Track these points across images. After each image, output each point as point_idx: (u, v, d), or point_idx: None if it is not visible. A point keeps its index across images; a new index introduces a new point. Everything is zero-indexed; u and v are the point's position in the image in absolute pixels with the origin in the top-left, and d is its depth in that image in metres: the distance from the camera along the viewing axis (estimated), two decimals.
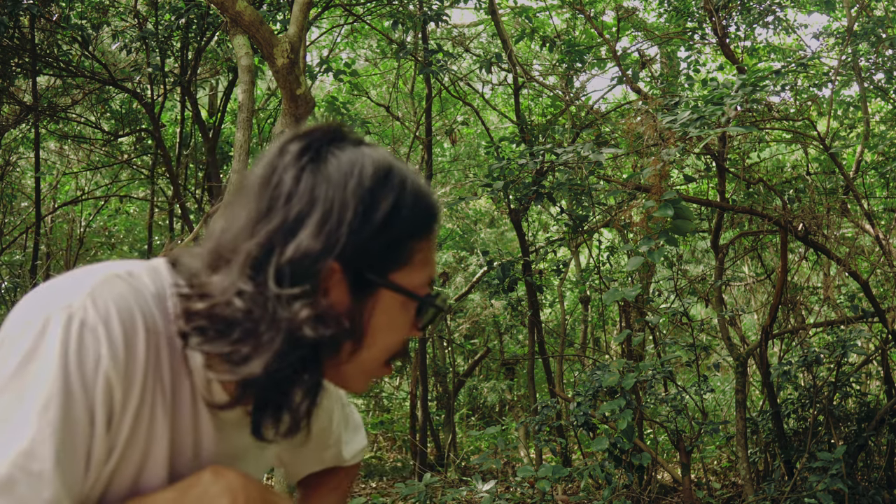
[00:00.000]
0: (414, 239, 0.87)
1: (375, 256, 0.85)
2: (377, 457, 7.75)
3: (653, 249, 3.14)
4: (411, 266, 0.88)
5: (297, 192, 0.83)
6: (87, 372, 0.79)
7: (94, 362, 0.80)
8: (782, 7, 5.48)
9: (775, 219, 4.21)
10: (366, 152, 0.87)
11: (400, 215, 0.85)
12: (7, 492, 0.75)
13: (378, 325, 0.88)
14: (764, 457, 4.92)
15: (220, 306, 0.82)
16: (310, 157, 0.85)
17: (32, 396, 0.77)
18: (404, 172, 0.88)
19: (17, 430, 0.76)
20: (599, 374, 4.11)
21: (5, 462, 0.76)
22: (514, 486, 4.85)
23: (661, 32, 6.28)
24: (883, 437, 4.48)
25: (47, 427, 0.77)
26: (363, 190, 0.84)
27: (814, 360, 4.25)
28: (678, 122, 3.33)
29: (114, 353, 0.80)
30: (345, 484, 1.33)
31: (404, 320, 0.90)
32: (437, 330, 7.74)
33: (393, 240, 0.85)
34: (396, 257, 0.86)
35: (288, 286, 0.81)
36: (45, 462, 0.77)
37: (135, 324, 0.83)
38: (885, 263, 4.62)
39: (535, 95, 7.32)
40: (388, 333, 0.89)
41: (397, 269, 0.87)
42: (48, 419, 0.77)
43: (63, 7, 6.00)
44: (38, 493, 0.77)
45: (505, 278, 5.40)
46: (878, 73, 5.85)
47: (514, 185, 4.65)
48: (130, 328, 0.82)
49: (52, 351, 0.78)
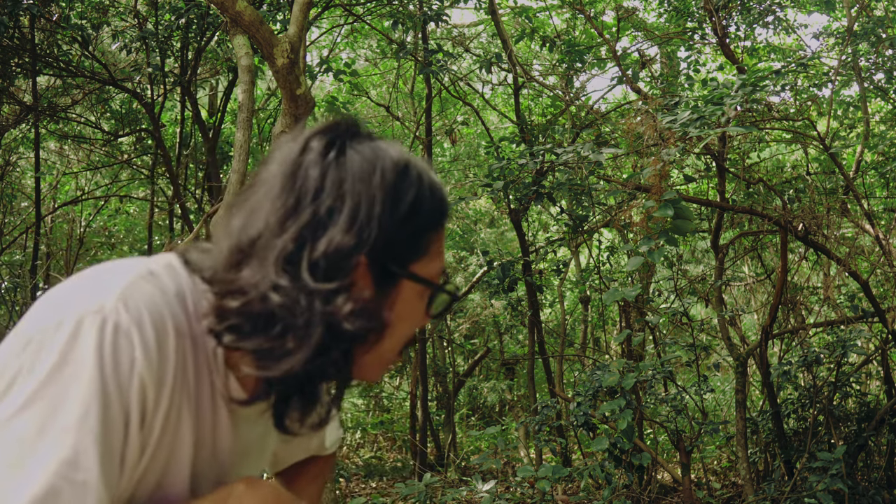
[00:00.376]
0: (431, 230, 0.90)
1: (399, 249, 0.87)
2: (377, 457, 7.76)
3: (653, 249, 3.14)
4: (429, 256, 0.90)
5: (324, 187, 0.84)
6: (122, 376, 0.80)
7: (129, 366, 0.80)
8: (782, 7, 5.47)
9: (775, 219, 4.21)
10: (382, 147, 0.89)
11: (422, 207, 0.88)
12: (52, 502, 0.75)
13: (398, 316, 0.90)
14: (764, 457, 4.92)
15: (255, 302, 0.82)
16: (334, 153, 0.86)
17: (70, 402, 0.77)
18: (420, 165, 0.91)
19: (57, 439, 0.76)
20: (599, 374, 4.11)
21: (48, 472, 0.75)
22: (514, 486, 4.85)
23: (661, 32, 6.28)
24: (883, 437, 4.48)
25: (88, 435, 0.77)
26: (388, 184, 0.86)
27: (814, 360, 4.25)
28: (678, 122, 3.33)
29: (147, 356, 0.81)
30: (325, 472, 1.35)
31: (420, 309, 0.92)
32: (437, 330, 7.74)
33: (415, 232, 0.88)
34: (417, 249, 0.88)
35: (322, 280, 0.82)
36: (90, 471, 0.77)
37: (165, 326, 0.83)
38: (885, 263, 4.62)
39: (535, 95, 7.32)
40: (407, 322, 0.91)
41: (417, 260, 0.89)
42: (89, 426, 0.77)
43: (63, 7, 6.00)
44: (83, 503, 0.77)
45: (505, 278, 5.40)
46: (878, 73, 5.85)
47: (514, 185, 4.65)
48: (162, 330, 0.83)
49: (88, 356, 0.78)
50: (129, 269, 0.86)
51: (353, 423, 8.56)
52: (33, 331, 0.80)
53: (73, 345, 0.78)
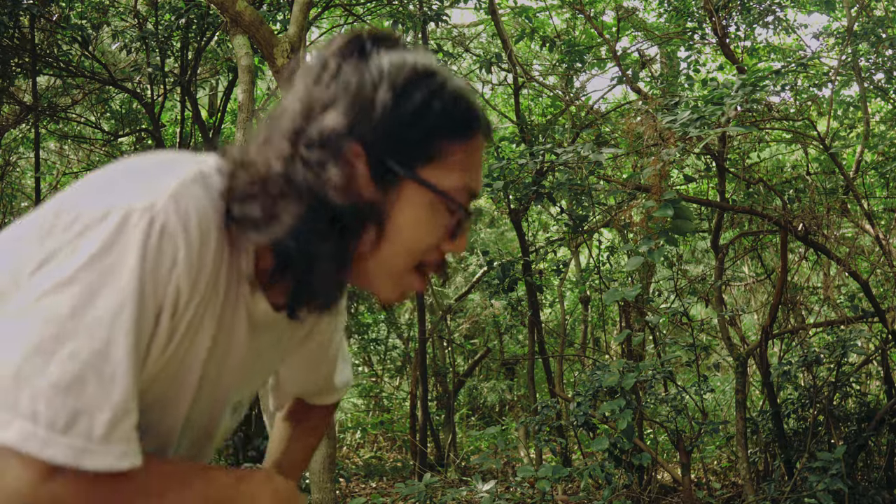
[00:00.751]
0: (448, 138, 0.88)
1: (402, 147, 0.86)
2: (377, 457, 7.75)
3: (653, 249, 3.14)
4: (443, 166, 0.88)
5: (338, 76, 0.87)
6: (161, 277, 0.81)
7: (169, 268, 0.81)
8: (782, 7, 5.47)
9: (775, 219, 4.21)
10: (414, 55, 0.90)
11: (432, 108, 0.87)
12: (77, 391, 0.76)
13: (402, 220, 0.88)
14: (764, 457, 4.92)
15: (260, 171, 0.86)
16: (356, 52, 0.89)
17: (107, 294, 0.78)
18: (448, 76, 0.90)
19: (90, 328, 0.77)
20: (599, 374, 4.11)
21: (77, 360, 0.76)
22: (514, 486, 4.85)
23: (661, 32, 6.28)
24: (883, 437, 4.48)
25: (121, 329, 0.78)
26: (400, 80, 0.86)
27: (814, 360, 4.25)
28: (678, 122, 3.33)
29: (188, 261, 0.83)
30: (322, 425, 1.35)
31: (433, 222, 0.89)
32: (437, 330, 7.74)
33: (424, 133, 0.86)
34: (425, 152, 0.87)
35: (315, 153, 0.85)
36: (118, 365, 0.78)
37: (209, 232, 0.85)
38: (885, 263, 4.62)
39: (535, 95, 7.31)
40: (414, 231, 0.89)
41: (425, 165, 0.87)
42: (122, 321, 0.78)
43: (63, 7, 6.00)
44: (108, 396, 0.78)
45: (505, 278, 5.40)
46: (878, 73, 5.85)
47: (514, 185, 4.64)
48: (205, 237, 0.84)
49: (131, 252, 0.79)
50: (182, 168, 0.86)
51: (353, 423, 8.56)
52: (80, 213, 0.81)
53: (117, 238, 0.79)
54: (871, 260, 4.90)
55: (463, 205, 0.90)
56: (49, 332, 0.76)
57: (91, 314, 0.77)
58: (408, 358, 8.50)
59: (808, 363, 4.34)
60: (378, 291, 0.94)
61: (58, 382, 0.75)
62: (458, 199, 0.89)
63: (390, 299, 0.95)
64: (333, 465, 3.38)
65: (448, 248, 0.92)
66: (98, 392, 0.77)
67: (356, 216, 0.86)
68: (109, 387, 0.77)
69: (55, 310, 0.76)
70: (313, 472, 3.35)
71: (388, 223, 0.88)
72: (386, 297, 0.95)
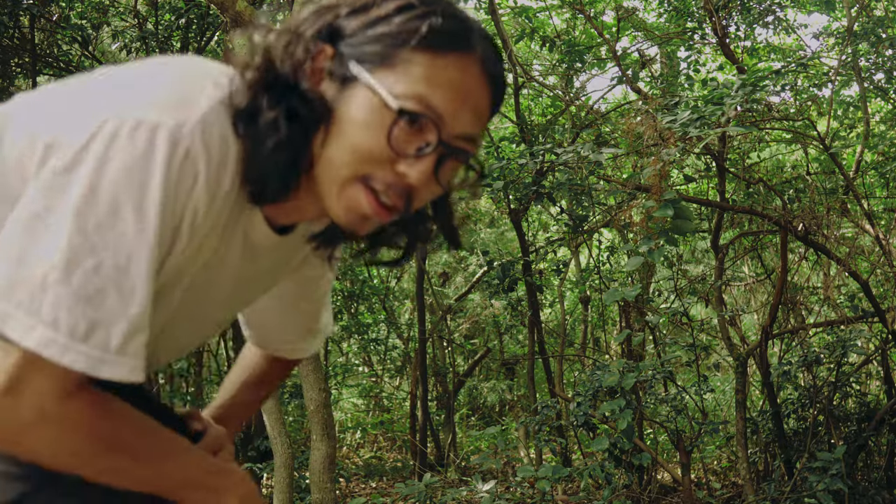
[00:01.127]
0: (410, 46, 0.87)
1: (363, 48, 0.88)
2: (377, 457, 7.76)
3: (653, 249, 3.14)
4: (401, 73, 0.87)
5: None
6: (181, 195, 0.84)
7: (189, 189, 0.84)
8: (782, 7, 5.47)
9: (775, 219, 4.21)
10: None
11: (401, 14, 0.88)
12: (98, 303, 0.79)
13: (347, 119, 0.88)
14: (764, 457, 4.92)
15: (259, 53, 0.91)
16: None
17: (132, 211, 0.80)
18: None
19: (115, 243, 0.80)
20: (599, 374, 4.11)
21: (100, 273, 0.79)
22: (514, 486, 4.85)
23: (661, 32, 6.28)
24: (883, 437, 4.48)
25: (144, 246, 0.81)
26: None
27: (814, 360, 4.25)
28: (678, 122, 3.33)
29: (207, 185, 0.85)
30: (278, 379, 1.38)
31: (376, 124, 0.87)
32: (437, 330, 7.74)
33: (385, 36, 0.87)
34: (382, 56, 0.87)
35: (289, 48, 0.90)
36: (138, 280, 0.81)
37: (228, 156, 0.87)
38: (885, 263, 4.62)
39: (535, 95, 7.31)
40: (355, 131, 0.88)
41: (381, 69, 0.87)
42: (145, 239, 0.81)
43: (63, 7, 6.00)
44: (126, 309, 0.81)
45: (505, 278, 5.40)
46: (878, 73, 5.84)
47: (514, 185, 4.64)
48: (224, 162, 0.87)
49: (157, 171, 0.81)
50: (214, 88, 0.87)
51: (353, 423, 8.56)
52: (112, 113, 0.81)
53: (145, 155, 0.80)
54: (871, 260, 4.90)
55: (409, 111, 0.86)
56: (76, 241, 0.78)
57: (117, 229, 0.80)
58: (408, 358, 8.50)
59: (808, 363, 4.34)
60: (327, 205, 0.93)
61: (79, 292, 0.78)
62: (403, 105, 0.86)
63: (340, 217, 0.93)
64: (333, 465, 3.38)
65: (402, 169, 0.89)
66: (117, 305, 0.80)
67: (312, 110, 0.88)
68: (129, 300, 0.81)
69: (82, 221, 0.78)
70: (313, 472, 3.35)
71: (335, 121, 0.88)
72: (335, 213, 0.93)
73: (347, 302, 8.22)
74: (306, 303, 1.25)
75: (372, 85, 0.86)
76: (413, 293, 8.15)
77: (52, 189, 0.79)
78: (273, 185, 0.90)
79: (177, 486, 0.93)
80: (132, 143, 0.80)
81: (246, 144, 0.88)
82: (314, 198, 0.94)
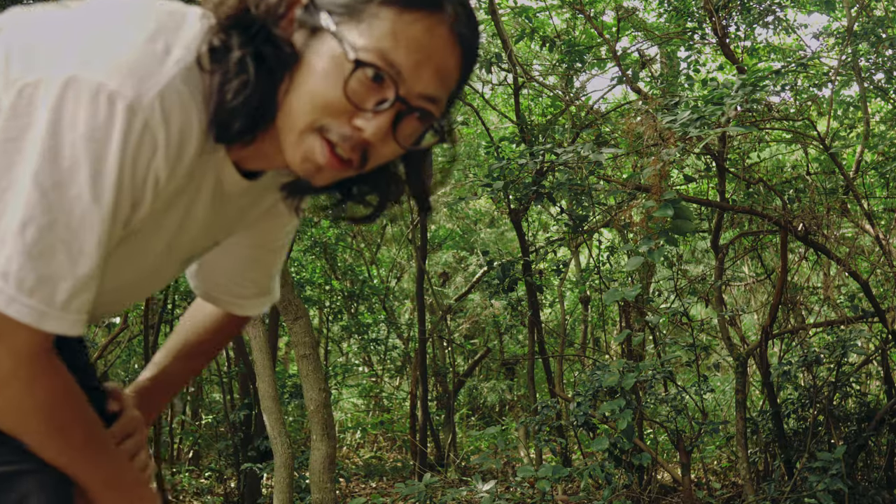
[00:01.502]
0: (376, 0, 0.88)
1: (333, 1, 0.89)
2: (377, 457, 7.76)
3: (653, 249, 3.14)
4: (366, 27, 0.87)
5: None
6: (140, 167, 0.85)
7: (148, 160, 0.86)
8: (782, 7, 5.47)
9: (775, 219, 4.21)
10: None
11: None
12: (47, 260, 0.82)
13: (309, 69, 0.89)
14: (764, 457, 4.92)
15: None
16: None
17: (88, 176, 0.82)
18: None
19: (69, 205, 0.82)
20: (599, 374, 4.11)
21: (52, 233, 0.82)
22: (514, 486, 4.85)
23: (661, 32, 6.28)
24: (883, 437, 4.48)
25: (97, 213, 0.83)
26: None
27: (814, 360, 4.25)
28: (678, 122, 3.33)
29: (167, 154, 0.87)
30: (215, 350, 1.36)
31: (334, 74, 0.88)
32: (437, 330, 7.74)
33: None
34: (348, 8, 0.88)
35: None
36: (87, 243, 0.84)
37: (191, 131, 0.88)
38: (885, 263, 4.62)
39: (535, 95, 7.31)
40: (315, 80, 0.88)
41: (348, 21, 0.88)
42: (100, 207, 0.83)
43: None
44: (73, 269, 0.84)
45: (505, 278, 5.40)
46: (878, 73, 5.84)
47: (514, 185, 4.64)
48: (186, 135, 0.88)
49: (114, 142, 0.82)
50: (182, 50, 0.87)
51: (353, 423, 8.56)
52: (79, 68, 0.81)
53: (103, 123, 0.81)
54: (871, 260, 4.90)
55: (365, 62, 0.86)
56: (34, 198, 0.80)
57: (73, 191, 0.81)
58: (408, 358, 8.49)
59: (808, 363, 4.34)
60: (286, 154, 0.93)
61: (31, 249, 0.81)
62: (361, 57, 0.86)
63: (296, 165, 0.93)
64: (333, 465, 3.39)
65: (358, 123, 0.89)
66: (66, 264, 0.83)
67: (280, 55, 0.89)
68: (77, 261, 0.83)
69: (41, 179, 0.80)
70: (313, 472, 3.35)
71: (300, 70, 0.89)
72: (292, 161, 0.93)
73: (347, 302, 8.22)
74: (264, 253, 1.24)
75: (336, 36, 0.87)
76: (413, 293, 8.15)
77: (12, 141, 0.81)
78: (238, 124, 0.90)
79: (101, 483, 0.97)
80: (93, 108, 0.81)
81: (213, 81, 0.88)
82: (279, 146, 0.95)
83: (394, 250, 9.29)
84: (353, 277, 8.28)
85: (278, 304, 3.41)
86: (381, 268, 9.20)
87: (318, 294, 7.96)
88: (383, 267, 9.26)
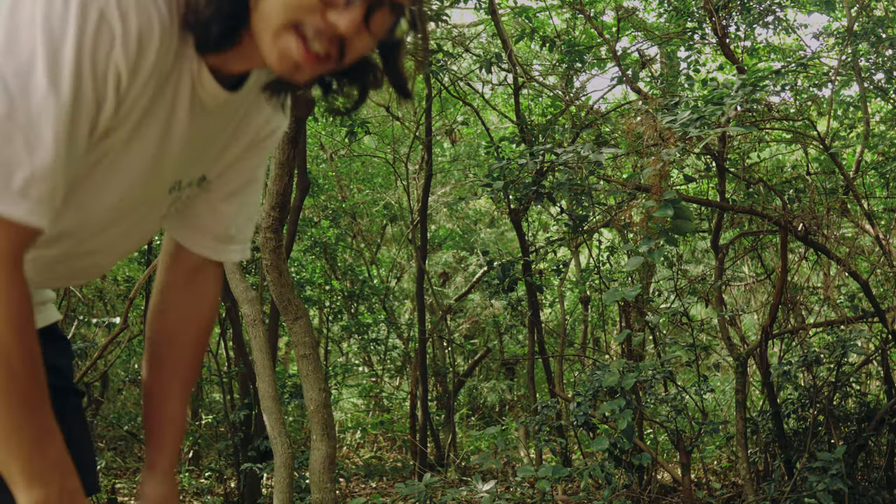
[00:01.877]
0: None
1: None
2: (377, 457, 7.76)
3: (653, 249, 3.14)
4: None
5: None
6: (99, 59, 0.86)
7: (107, 52, 0.86)
8: (782, 7, 5.47)
9: (775, 219, 4.21)
10: None
11: None
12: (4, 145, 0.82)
13: None
14: (764, 457, 4.92)
15: None
16: None
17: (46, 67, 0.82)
18: None
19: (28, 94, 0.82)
20: (599, 374, 4.11)
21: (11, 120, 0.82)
22: (514, 486, 4.85)
23: (661, 32, 6.28)
24: (883, 437, 4.48)
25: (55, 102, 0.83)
26: None
27: (814, 360, 4.25)
28: (678, 122, 3.33)
29: (126, 47, 0.87)
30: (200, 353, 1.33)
31: None
32: (437, 330, 7.75)
33: None
34: None
35: None
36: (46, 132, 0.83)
37: (151, 28, 0.89)
38: (885, 263, 4.62)
39: (535, 95, 7.31)
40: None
41: None
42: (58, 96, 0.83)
43: None
44: (31, 158, 0.83)
45: (505, 278, 5.40)
46: (878, 73, 5.84)
47: (514, 185, 4.64)
48: (146, 26, 0.88)
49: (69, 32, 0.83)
50: None
51: (353, 423, 8.56)
52: None
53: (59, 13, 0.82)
54: (871, 260, 4.90)
55: None
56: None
57: (32, 80, 0.82)
58: (408, 358, 8.49)
59: (808, 363, 4.34)
60: (264, 55, 0.94)
61: None
62: None
63: (274, 65, 0.94)
64: (333, 465, 3.38)
65: (332, 18, 0.90)
66: (23, 151, 0.82)
67: None
68: (35, 149, 0.83)
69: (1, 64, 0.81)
70: (313, 472, 3.35)
71: None
72: (269, 61, 0.94)
73: (347, 302, 8.23)
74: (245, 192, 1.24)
75: None
76: (413, 293, 8.15)
77: None
78: (215, 29, 0.91)
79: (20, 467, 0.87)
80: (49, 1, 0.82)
81: None
82: (256, 50, 0.95)
83: (394, 250, 9.29)
84: (353, 277, 8.28)
85: (278, 304, 3.41)
86: (381, 268, 9.21)
87: (318, 294, 7.96)
88: (383, 267, 9.27)
